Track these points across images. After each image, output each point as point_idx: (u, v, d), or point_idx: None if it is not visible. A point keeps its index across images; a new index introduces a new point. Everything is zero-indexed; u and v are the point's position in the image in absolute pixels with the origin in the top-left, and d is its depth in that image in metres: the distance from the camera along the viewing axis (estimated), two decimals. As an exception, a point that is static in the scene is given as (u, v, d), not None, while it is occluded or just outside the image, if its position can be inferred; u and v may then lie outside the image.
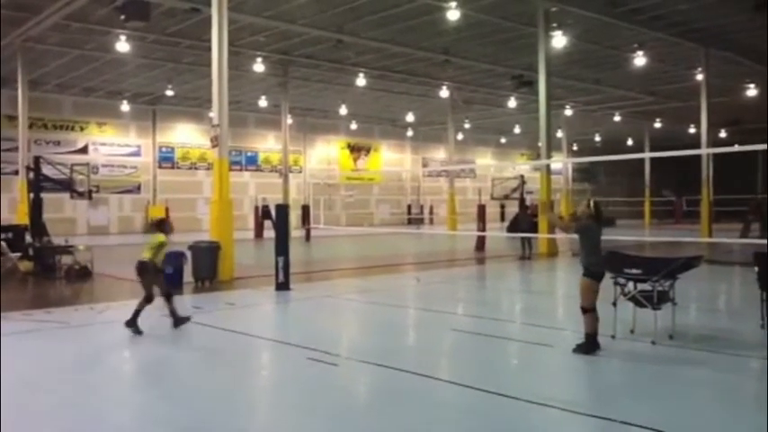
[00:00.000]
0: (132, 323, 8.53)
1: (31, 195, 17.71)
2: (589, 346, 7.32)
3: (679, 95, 34.36)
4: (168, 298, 8.93)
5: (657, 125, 44.91)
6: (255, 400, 6.32)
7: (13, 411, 5.65)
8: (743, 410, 5.57)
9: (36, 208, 17.31)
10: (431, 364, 7.38)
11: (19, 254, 16.49)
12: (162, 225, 9.17)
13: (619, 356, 7.30)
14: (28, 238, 17.06)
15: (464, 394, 6.10)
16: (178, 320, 8.95)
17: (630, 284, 8.03)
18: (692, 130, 41.95)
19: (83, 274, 14.97)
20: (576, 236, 7.72)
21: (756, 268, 8.10)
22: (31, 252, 16.44)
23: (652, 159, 46.12)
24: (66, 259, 15.57)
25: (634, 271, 8.01)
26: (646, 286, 7.97)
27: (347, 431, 5.20)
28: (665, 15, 21.71)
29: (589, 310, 7.37)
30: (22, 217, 22.31)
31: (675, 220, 45.14)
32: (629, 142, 52.09)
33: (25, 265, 16.03)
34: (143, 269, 8.81)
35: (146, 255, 8.83)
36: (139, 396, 6.28)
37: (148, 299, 8.70)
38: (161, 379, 6.80)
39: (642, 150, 47.57)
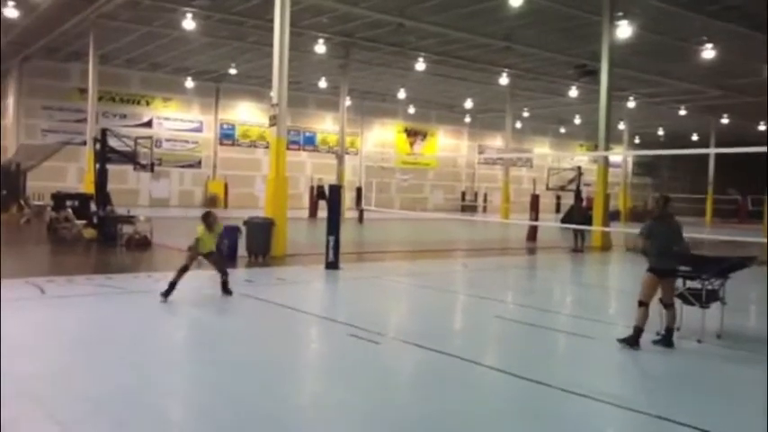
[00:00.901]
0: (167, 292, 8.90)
1: (98, 166, 18.42)
2: (634, 339, 7.29)
3: (749, 90, 33.09)
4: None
5: (725, 121, 43.42)
6: (298, 372, 6.55)
7: (71, 366, 6.04)
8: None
9: (101, 178, 18.01)
10: (471, 348, 7.48)
11: (84, 221, 17.27)
12: (207, 218, 9.36)
13: (662, 352, 7.24)
14: (93, 207, 17.83)
15: (501, 380, 6.21)
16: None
17: (680, 281, 7.93)
18: (761, 127, 40.44)
19: (142, 243, 15.56)
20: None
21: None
22: (95, 220, 17.18)
23: (717, 156, 44.69)
24: (127, 229, 16.19)
25: (684, 268, 7.90)
26: (695, 284, 7.87)
27: (383, 405, 5.36)
28: (736, 6, 20.95)
29: (644, 305, 7.35)
30: (88, 186, 23.22)
31: (739, 219, 43.75)
32: (694, 137, 50.56)
33: (89, 233, 16.77)
34: (190, 247, 9.33)
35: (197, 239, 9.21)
36: (189, 362, 6.57)
37: (183, 270, 9.07)
38: (210, 347, 7.09)
39: (707, 146, 46.10)
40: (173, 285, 8.93)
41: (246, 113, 40.46)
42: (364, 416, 5.10)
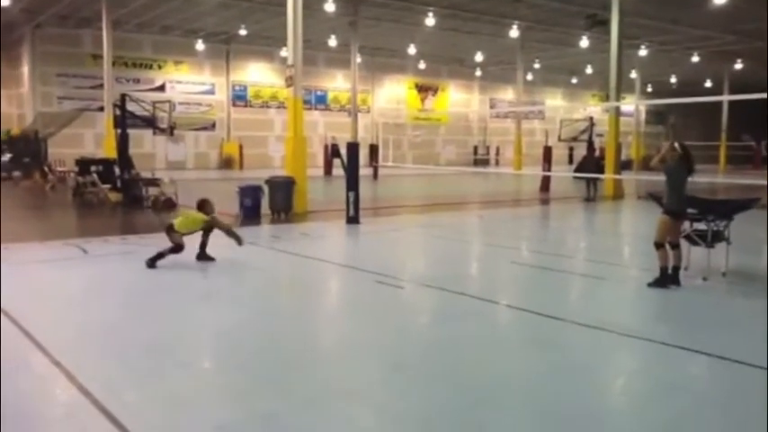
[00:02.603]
0: (153, 261, 8.67)
1: (119, 131, 18.87)
2: (663, 280, 7.70)
3: (763, 35, 32.74)
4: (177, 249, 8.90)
5: (738, 66, 43.00)
6: (333, 314, 7.13)
7: (127, 315, 6.62)
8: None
9: (123, 143, 18.47)
10: (490, 289, 8.02)
11: (108, 186, 17.82)
12: (204, 206, 9.23)
13: (670, 289, 7.67)
14: (116, 172, 18.34)
15: (519, 315, 6.74)
16: (202, 255, 9.16)
17: (686, 223, 8.33)
18: (775, 72, 39.94)
19: (168, 204, 16.08)
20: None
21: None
22: (119, 184, 17.73)
23: (731, 102, 44.40)
24: (152, 191, 16.73)
25: (690, 210, 8.29)
26: (701, 225, 8.28)
27: (412, 341, 5.91)
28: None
29: (661, 246, 7.76)
30: (108, 151, 23.74)
31: (754, 165, 43.71)
32: (708, 84, 50.14)
33: (115, 196, 17.33)
34: (168, 230, 9.05)
35: (177, 222, 9.08)
36: (232, 308, 7.06)
37: (177, 249, 8.85)
38: (241, 298, 7.59)
39: (720, 93, 45.75)
40: (161, 256, 8.75)
41: (257, 74, 40.62)
42: (393, 349, 5.64)
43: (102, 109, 29.04)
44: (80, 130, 32.39)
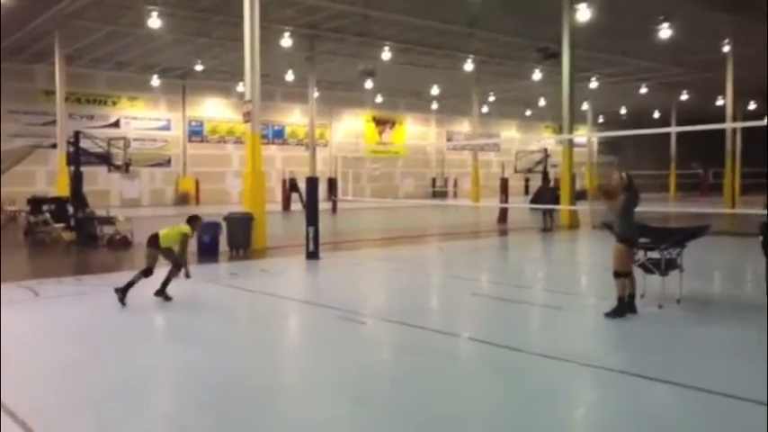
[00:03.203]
0: (123, 292, 8.68)
1: (72, 168, 18.51)
2: (621, 309, 7.81)
3: (708, 66, 34.05)
4: (175, 270, 9.05)
5: (685, 97, 44.54)
6: (292, 353, 7.05)
7: (79, 360, 6.42)
8: (739, 360, 6.10)
9: (77, 180, 18.12)
10: (451, 323, 8.03)
11: (62, 224, 17.41)
12: (192, 221, 9.23)
13: (626, 318, 7.80)
14: (70, 210, 17.93)
15: (481, 348, 6.76)
16: (161, 292, 9.01)
17: (641, 252, 8.52)
18: (719, 102, 41.50)
19: (124, 243, 15.80)
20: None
21: (761, 237, 8.51)
22: (72, 223, 17.33)
23: (679, 132, 45.87)
24: (107, 229, 16.41)
25: (643, 240, 8.49)
26: (655, 254, 8.47)
27: (375, 378, 5.86)
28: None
29: (621, 275, 7.87)
30: (61, 189, 23.23)
31: (702, 192, 45.07)
32: (656, 114, 51.77)
33: (68, 235, 16.94)
34: (150, 242, 9.05)
35: (162, 233, 9.02)
36: (179, 354, 6.85)
37: (146, 272, 8.80)
38: (202, 337, 7.43)
39: (669, 122, 47.26)
40: (131, 285, 8.76)
41: (214, 109, 40.45)
42: (355, 385, 5.59)
43: (55, 146, 28.39)
44: (32, 167, 31.58)
